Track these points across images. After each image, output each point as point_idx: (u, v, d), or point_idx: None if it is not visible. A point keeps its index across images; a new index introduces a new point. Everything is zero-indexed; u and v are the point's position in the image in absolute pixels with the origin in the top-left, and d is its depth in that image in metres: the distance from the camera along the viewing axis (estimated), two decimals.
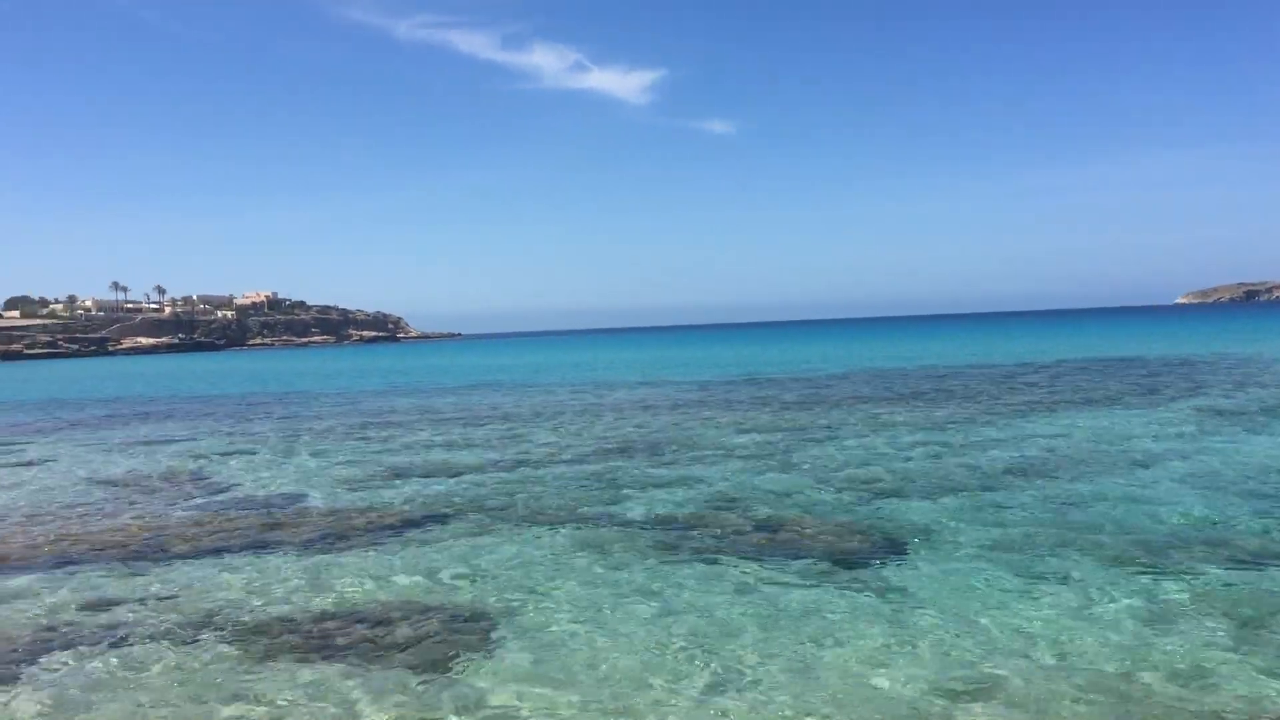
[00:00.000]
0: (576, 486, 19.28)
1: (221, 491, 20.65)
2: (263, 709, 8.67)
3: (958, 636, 9.77)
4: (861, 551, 13.25)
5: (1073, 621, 10.10)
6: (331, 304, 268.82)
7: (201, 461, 25.79)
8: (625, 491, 18.48)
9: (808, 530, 14.59)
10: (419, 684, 9.11)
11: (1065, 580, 11.54)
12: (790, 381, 48.88)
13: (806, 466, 20.67)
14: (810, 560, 12.86)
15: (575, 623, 10.72)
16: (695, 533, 14.74)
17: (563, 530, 15.27)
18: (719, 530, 14.84)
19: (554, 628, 10.58)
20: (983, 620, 10.23)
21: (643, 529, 15.14)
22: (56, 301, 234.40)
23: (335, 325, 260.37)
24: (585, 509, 16.92)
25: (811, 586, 11.69)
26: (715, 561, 13.01)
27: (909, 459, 21.12)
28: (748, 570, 12.53)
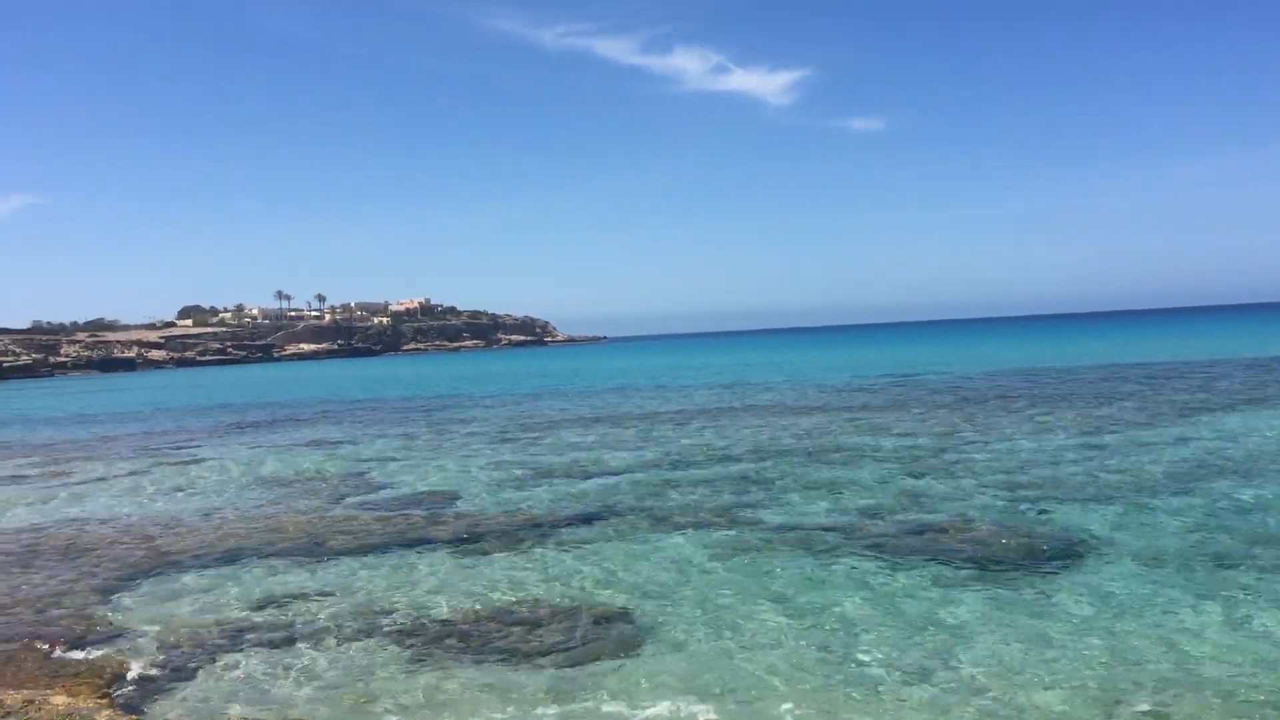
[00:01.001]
0: (721, 489, 19.35)
1: (378, 491, 21.44)
2: (421, 705, 9.02)
3: (1116, 651, 9.45)
4: (1015, 559, 12.94)
5: (1236, 637, 9.67)
6: (481, 309, 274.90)
7: (360, 463, 26.80)
8: (770, 495, 18.46)
9: (959, 536, 14.34)
10: (568, 685, 9.33)
11: (1228, 593, 11.03)
12: (937, 382, 47.89)
13: (956, 470, 20.28)
14: (961, 567, 12.64)
15: (719, 627, 10.78)
16: (842, 538, 14.63)
17: (708, 533, 15.36)
18: (867, 536, 14.69)
19: (698, 632, 10.67)
20: (1142, 634, 9.88)
21: (788, 533, 15.10)
22: (225, 310, 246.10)
23: (485, 330, 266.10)
24: (730, 512, 16.97)
25: (962, 594, 11.48)
26: (863, 568, 12.89)
27: (1064, 462, 20.50)
28: (896, 577, 12.39)
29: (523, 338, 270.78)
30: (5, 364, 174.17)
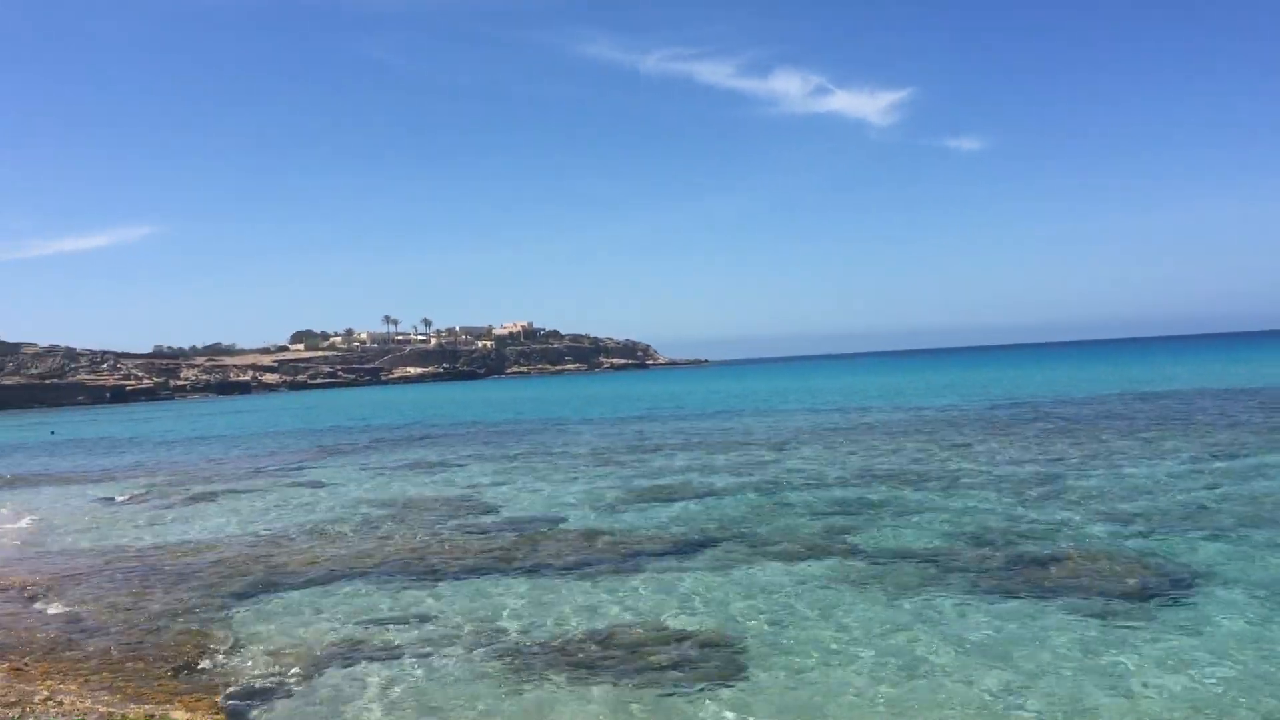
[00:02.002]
0: (822, 515, 19.12)
1: (482, 514, 21.69)
2: None
3: (1231, 689, 9.05)
4: (1133, 590, 12.49)
5: None
6: (583, 333, 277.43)
7: (464, 485, 27.16)
8: (871, 521, 18.17)
9: (1073, 566, 13.91)
10: (667, 710, 9.29)
11: None
12: (1046, 405, 46.69)
13: (1069, 496, 19.71)
14: (1076, 598, 12.24)
15: (820, 657, 10.62)
16: (951, 566, 14.33)
17: (808, 561, 15.17)
18: (975, 564, 14.36)
19: (798, 662, 10.53)
20: (1257, 672, 9.44)
21: (889, 562, 14.83)
22: (335, 335, 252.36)
23: (587, 353, 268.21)
24: (831, 539, 16.75)
25: (1067, 629, 11.10)
26: (972, 598, 12.59)
27: (1173, 490, 19.78)
28: (1007, 608, 12.06)
29: (624, 361, 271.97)
30: (128, 387, 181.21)
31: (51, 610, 14.20)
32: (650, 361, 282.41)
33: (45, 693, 9.94)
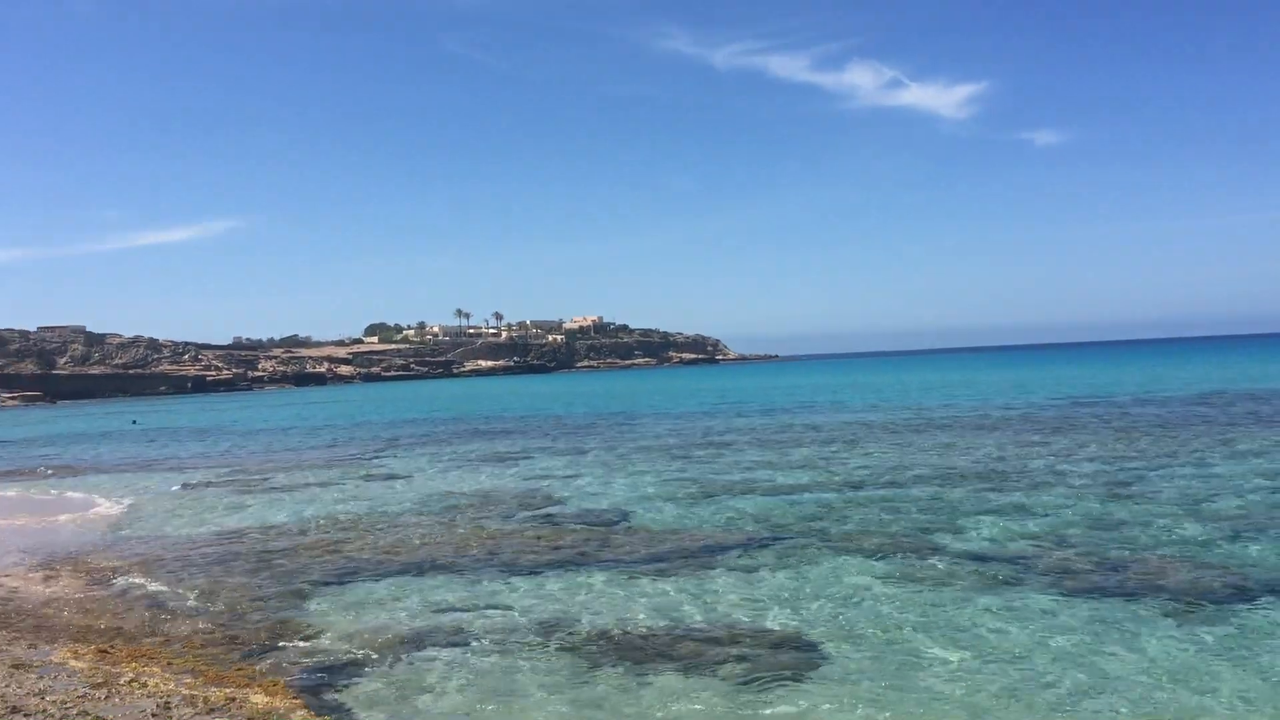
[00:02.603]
0: (897, 512, 18.90)
1: (553, 506, 21.80)
2: (594, 717, 9.09)
3: None
4: (1218, 594, 12.17)
5: None
6: (653, 327, 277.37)
7: (535, 478, 27.34)
8: (951, 519, 17.92)
9: (1148, 569, 13.59)
10: (744, 702, 9.25)
11: None
12: (1128, 404, 45.66)
13: (1153, 496, 19.27)
14: (1161, 601, 11.95)
15: (894, 656, 10.51)
16: (1023, 568, 14.07)
17: (882, 559, 15.01)
18: (1049, 566, 14.08)
19: (877, 657, 10.42)
20: None
21: (967, 561, 14.61)
22: (409, 328, 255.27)
23: (656, 348, 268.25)
24: (909, 536, 16.56)
25: (1149, 632, 10.87)
26: (1051, 598, 12.36)
27: (1261, 491, 19.22)
28: (1081, 611, 11.81)
29: (694, 356, 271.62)
30: (209, 377, 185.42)
31: (136, 594, 14.57)
32: (720, 356, 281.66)
33: (130, 674, 10.20)
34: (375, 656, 11.14)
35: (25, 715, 8.78)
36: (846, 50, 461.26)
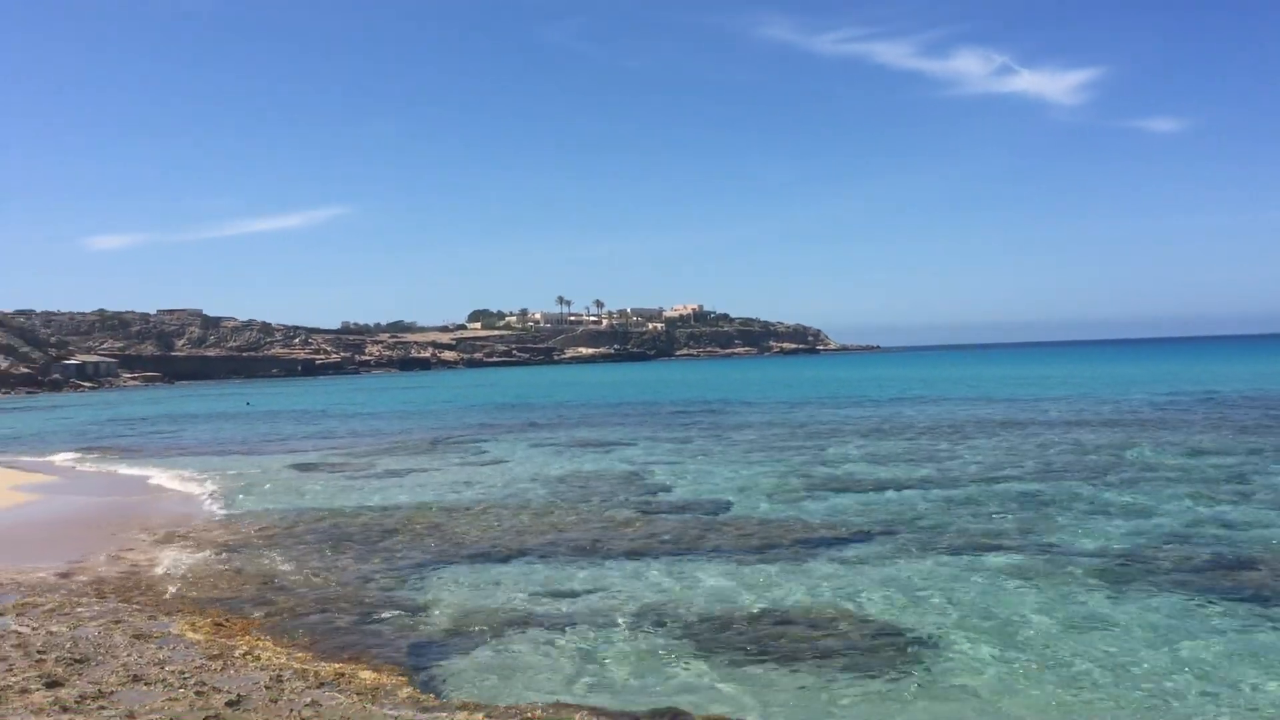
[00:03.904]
0: (1004, 508, 18.50)
1: (655, 495, 21.85)
2: (696, 703, 9.08)
3: None
4: None
5: None
6: (753, 316, 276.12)
7: (636, 465, 27.43)
8: (1057, 516, 17.47)
9: (1270, 569, 13.08)
10: (844, 698, 9.16)
11: None
12: (1244, 400, 43.94)
13: (1265, 496, 18.54)
14: (1274, 607, 11.50)
15: (999, 652, 10.29)
16: (1135, 565, 13.66)
17: (988, 554, 14.69)
18: (1166, 565, 13.63)
19: (976, 654, 10.23)
20: None
21: (1078, 558, 14.23)
22: (511, 314, 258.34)
23: (757, 337, 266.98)
24: (1014, 533, 16.19)
25: (1271, 636, 10.46)
26: (1156, 599, 11.97)
27: None
28: (1202, 613, 11.42)
29: (794, 345, 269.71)
30: (318, 361, 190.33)
31: (249, 569, 15.02)
32: (821, 346, 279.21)
33: (245, 647, 10.52)
34: (477, 637, 11.30)
35: (146, 684, 9.13)
36: (953, 36, 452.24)
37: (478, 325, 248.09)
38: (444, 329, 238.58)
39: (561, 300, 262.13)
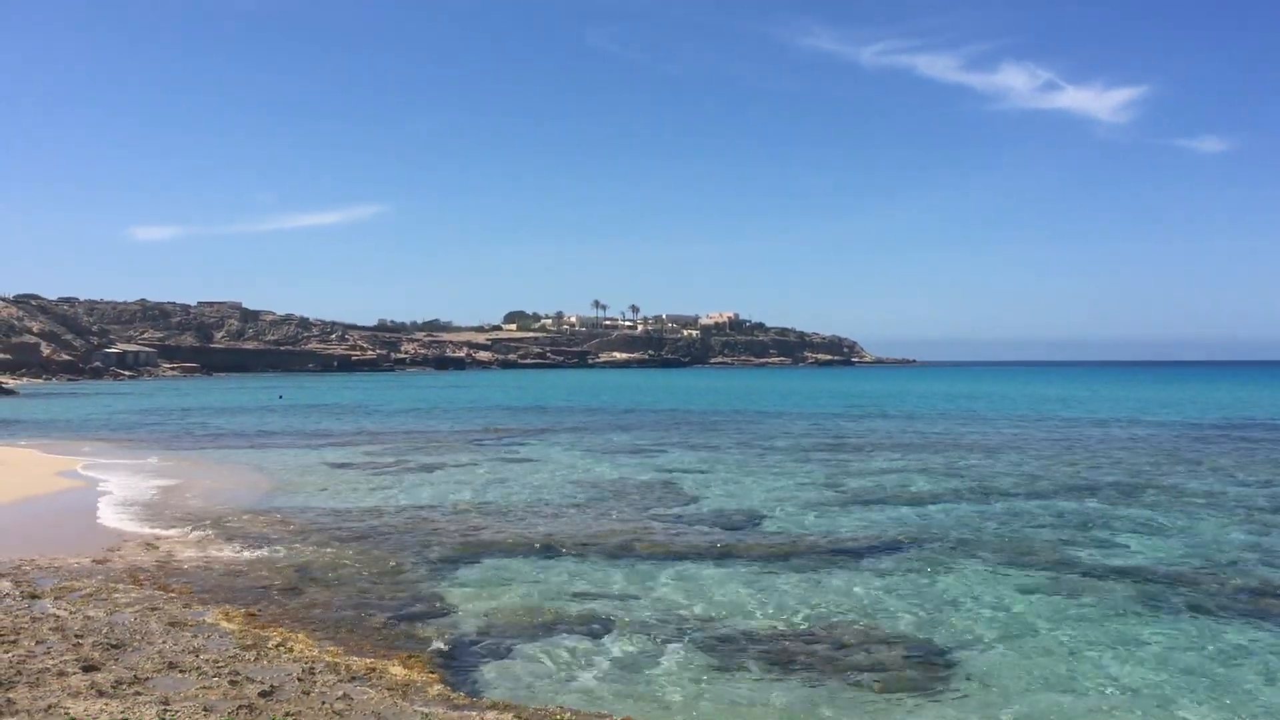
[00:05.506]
0: (1040, 525, 18.34)
1: (686, 503, 21.82)
2: (716, 713, 9.07)
3: None
4: None
5: None
6: (788, 326, 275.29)
7: (668, 472, 27.42)
8: (1095, 535, 17.30)
9: None
10: (879, 708, 9.11)
11: None
12: (1277, 427, 43.31)
13: None
14: None
15: (1028, 668, 10.22)
16: (1168, 587, 13.51)
17: (1022, 570, 14.58)
18: (1202, 588, 13.47)
19: (1005, 671, 10.15)
20: None
21: (1114, 578, 14.08)
22: (546, 317, 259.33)
23: (791, 347, 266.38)
24: (1050, 550, 16.04)
25: None
26: (1190, 623, 11.84)
27: None
28: (1227, 636, 11.27)
29: (829, 357, 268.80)
30: (354, 357, 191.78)
31: (282, 562, 15.13)
32: (856, 359, 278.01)
33: (278, 638, 10.60)
34: (508, 637, 11.33)
35: (181, 671, 9.22)
36: (999, 50, 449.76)
37: (513, 326, 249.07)
38: (480, 329, 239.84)
39: (597, 304, 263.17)
